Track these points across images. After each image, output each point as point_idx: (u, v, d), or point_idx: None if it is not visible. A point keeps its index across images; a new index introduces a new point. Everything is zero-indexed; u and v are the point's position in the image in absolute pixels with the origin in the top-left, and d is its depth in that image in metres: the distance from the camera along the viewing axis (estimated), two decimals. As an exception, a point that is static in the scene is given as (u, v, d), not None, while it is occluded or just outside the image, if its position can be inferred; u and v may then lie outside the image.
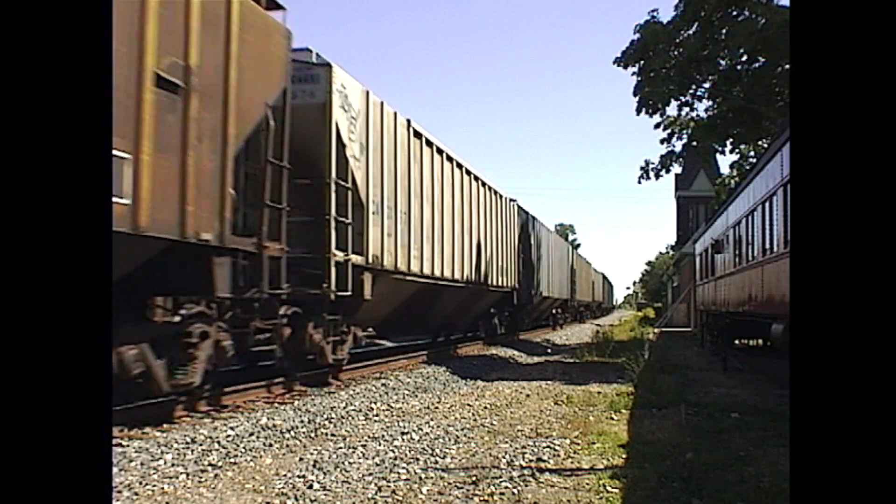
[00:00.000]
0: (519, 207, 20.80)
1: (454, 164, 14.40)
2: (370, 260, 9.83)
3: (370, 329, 10.82)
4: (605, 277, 69.05)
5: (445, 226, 13.58)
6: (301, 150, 8.17)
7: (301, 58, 8.77)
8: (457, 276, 14.15)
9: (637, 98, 21.36)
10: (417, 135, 12.05)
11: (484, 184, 16.70)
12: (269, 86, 7.30)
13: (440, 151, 13.50)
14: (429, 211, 12.55)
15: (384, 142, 10.57)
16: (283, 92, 7.59)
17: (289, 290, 7.77)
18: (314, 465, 5.00)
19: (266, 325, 7.46)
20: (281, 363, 8.58)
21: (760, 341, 15.88)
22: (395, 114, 11.10)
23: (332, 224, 8.82)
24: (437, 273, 12.98)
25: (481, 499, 4.19)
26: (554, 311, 30.44)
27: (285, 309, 7.91)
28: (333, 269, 8.79)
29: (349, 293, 9.12)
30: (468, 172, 15.31)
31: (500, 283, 17.84)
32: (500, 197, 18.57)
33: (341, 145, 9.10)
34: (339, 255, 8.96)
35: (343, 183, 9.12)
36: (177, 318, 6.21)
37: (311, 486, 4.45)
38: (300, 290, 8.22)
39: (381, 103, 10.53)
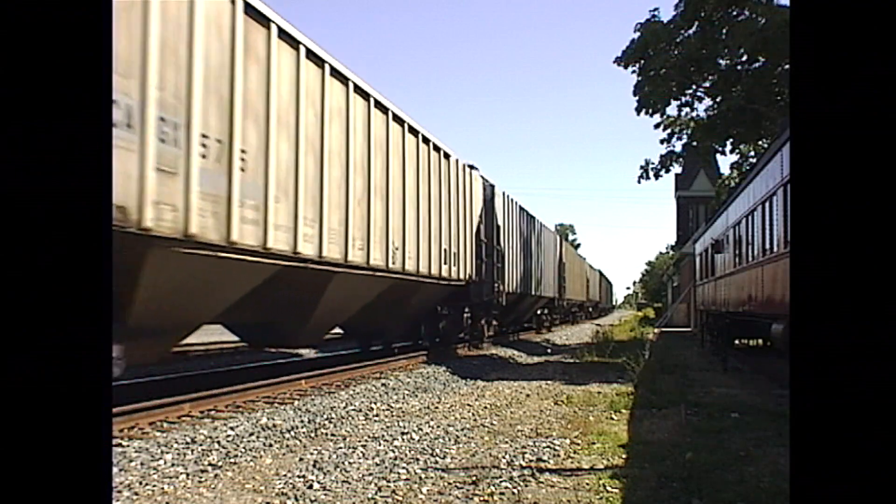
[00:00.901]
0: (484, 180, 16.36)
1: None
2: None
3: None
4: (602, 275, 64.44)
5: (335, 180, 8.77)
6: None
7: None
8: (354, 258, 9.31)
9: (637, 98, 21.37)
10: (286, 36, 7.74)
11: (425, 139, 12.15)
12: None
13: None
14: (312, 160, 8.23)
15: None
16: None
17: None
18: (314, 465, 5.00)
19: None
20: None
21: (760, 341, 15.88)
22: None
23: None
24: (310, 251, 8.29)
25: (481, 499, 4.19)
26: (539, 311, 26.69)
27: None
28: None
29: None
30: (396, 118, 10.90)
31: (441, 274, 12.95)
32: (448, 158, 13.53)
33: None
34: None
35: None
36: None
37: (311, 486, 4.45)
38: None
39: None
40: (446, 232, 13.23)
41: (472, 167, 15.40)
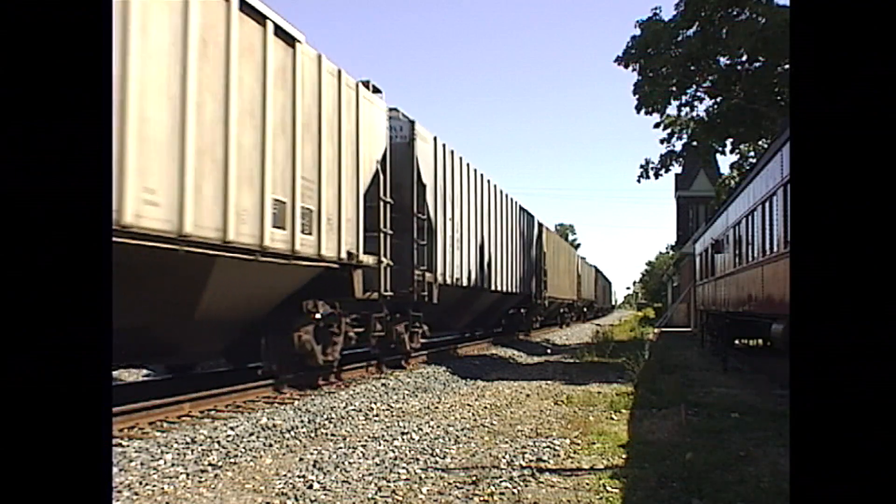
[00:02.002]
0: (398, 114, 12.06)
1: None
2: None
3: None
4: (598, 272, 57.51)
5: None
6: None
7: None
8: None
9: (637, 97, 21.37)
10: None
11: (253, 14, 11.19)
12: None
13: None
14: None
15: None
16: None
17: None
18: (314, 465, 5.00)
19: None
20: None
21: (760, 341, 15.89)
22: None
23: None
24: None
25: (481, 499, 4.19)
26: (511, 311, 21.54)
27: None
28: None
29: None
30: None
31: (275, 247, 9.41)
32: (304, 55, 9.69)
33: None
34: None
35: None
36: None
37: (311, 486, 4.45)
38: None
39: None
40: (288, 172, 7.73)
41: (374, 89, 10.40)
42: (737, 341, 16.80)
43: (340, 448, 5.60)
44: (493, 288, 17.13)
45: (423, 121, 12.20)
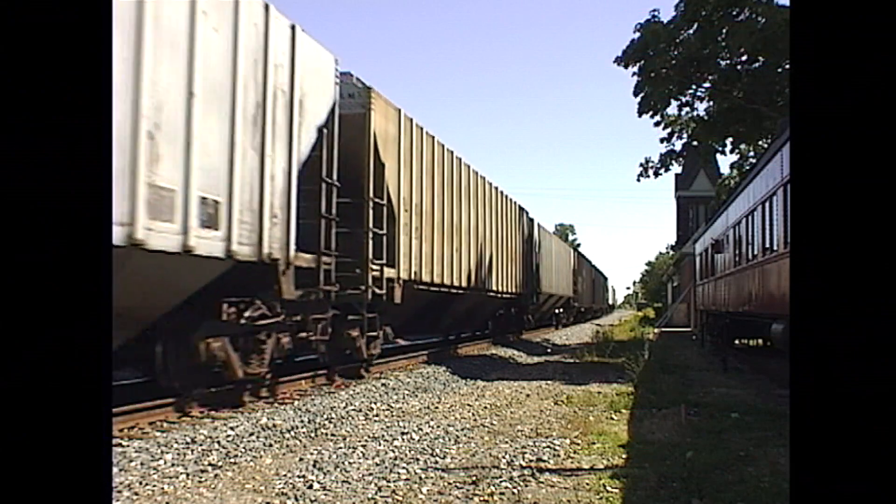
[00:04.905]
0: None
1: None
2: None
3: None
4: (597, 271, 54.01)
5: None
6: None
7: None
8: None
9: (638, 100, 21.38)
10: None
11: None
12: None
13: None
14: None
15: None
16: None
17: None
18: (314, 465, 5.00)
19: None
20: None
21: (760, 341, 15.89)
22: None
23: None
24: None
25: (481, 499, 4.19)
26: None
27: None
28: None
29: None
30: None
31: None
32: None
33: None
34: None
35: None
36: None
37: (311, 486, 4.45)
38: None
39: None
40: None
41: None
42: (737, 341, 16.81)
43: (340, 448, 5.60)
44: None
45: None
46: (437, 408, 7.92)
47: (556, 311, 30.36)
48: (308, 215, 8.06)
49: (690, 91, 21.44)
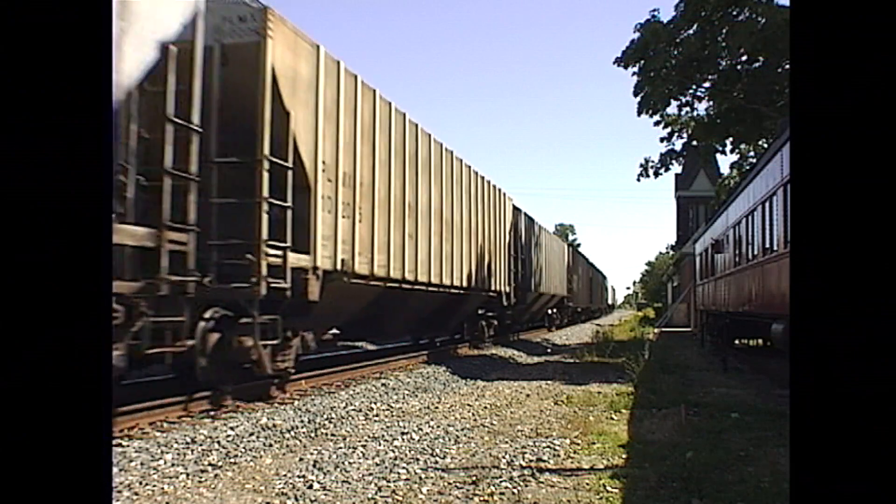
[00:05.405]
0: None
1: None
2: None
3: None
4: (595, 268, 51.13)
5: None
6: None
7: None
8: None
9: (638, 99, 21.38)
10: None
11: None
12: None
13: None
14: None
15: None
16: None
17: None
18: (314, 465, 5.00)
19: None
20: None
21: (760, 341, 15.90)
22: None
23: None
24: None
25: (481, 499, 4.19)
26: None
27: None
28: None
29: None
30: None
31: None
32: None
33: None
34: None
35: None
36: None
37: (311, 486, 4.45)
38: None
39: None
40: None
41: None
42: (737, 341, 16.81)
43: (340, 448, 5.60)
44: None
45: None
46: (437, 408, 7.92)
47: (549, 311, 28.10)
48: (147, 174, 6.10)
49: (690, 91, 21.43)
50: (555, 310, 29.00)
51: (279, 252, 7.33)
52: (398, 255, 10.64)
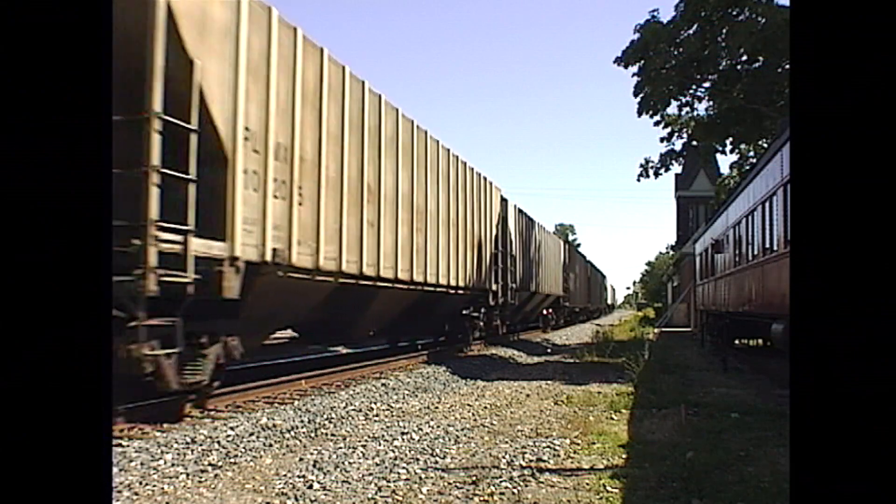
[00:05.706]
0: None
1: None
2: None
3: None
4: (594, 267, 49.34)
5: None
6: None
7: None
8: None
9: (638, 100, 21.38)
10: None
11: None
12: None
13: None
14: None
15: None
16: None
17: None
18: (314, 465, 5.00)
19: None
20: None
21: (760, 341, 15.90)
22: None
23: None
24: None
25: (481, 499, 4.19)
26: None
27: None
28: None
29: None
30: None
31: None
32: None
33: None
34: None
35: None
36: None
37: (311, 486, 4.45)
38: None
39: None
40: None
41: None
42: (737, 341, 16.82)
43: (340, 448, 5.60)
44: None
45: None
46: (437, 408, 7.92)
47: (544, 311, 26.55)
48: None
49: (690, 91, 21.44)
50: (550, 310, 27.57)
51: (178, 237, 5.79)
52: (353, 245, 9.02)
